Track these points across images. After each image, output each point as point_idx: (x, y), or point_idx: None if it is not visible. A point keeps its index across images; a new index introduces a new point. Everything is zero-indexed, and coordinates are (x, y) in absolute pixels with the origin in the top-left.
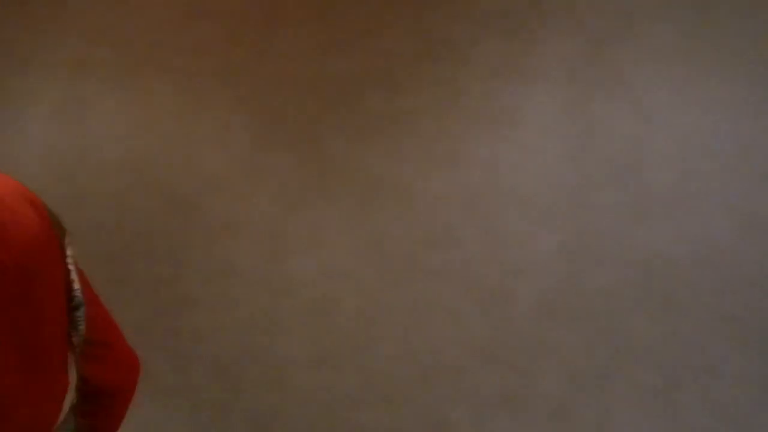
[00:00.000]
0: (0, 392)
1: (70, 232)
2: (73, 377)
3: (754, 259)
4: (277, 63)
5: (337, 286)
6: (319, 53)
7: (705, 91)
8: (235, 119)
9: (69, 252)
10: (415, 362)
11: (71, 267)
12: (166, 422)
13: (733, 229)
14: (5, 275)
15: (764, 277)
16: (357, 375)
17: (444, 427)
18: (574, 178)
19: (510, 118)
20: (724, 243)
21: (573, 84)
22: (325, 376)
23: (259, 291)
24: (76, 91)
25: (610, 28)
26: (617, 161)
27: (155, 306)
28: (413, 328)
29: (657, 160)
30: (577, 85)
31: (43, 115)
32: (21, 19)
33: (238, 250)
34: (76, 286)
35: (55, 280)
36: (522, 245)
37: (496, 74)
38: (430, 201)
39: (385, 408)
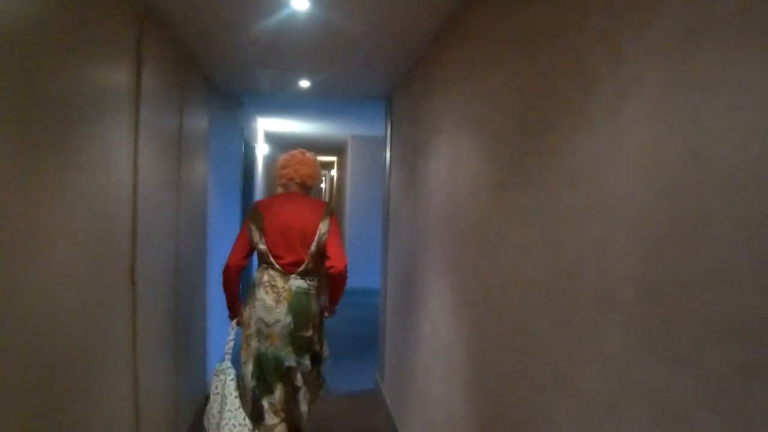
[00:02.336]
0: (283, 246)
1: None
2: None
3: None
4: None
5: None
6: None
7: None
8: None
9: (322, 223)
10: None
11: (322, 228)
12: None
13: None
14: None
15: None
16: None
17: None
18: None
19: None
20: None
21: None
22: None
23: None
24: (686, 73)
25: None
26: None
27: None
28: None
29: None
30: None
31: (640, 115)
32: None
33: None
34: (322, 231)
35: (312, 229)
36: None
37: None
38: None
39: None
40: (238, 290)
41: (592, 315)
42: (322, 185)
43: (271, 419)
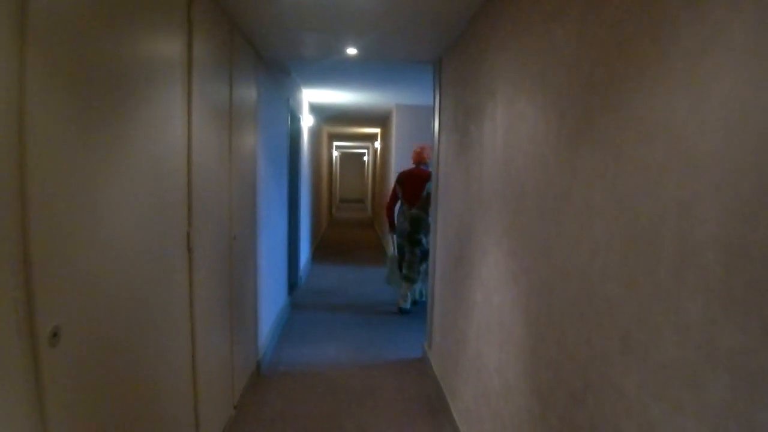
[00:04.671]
0: (409, 195)
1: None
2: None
3: None
4: None
5: None
6: None
7: None
8: None
9: (427, 184)
10: None
11: (428, 187)
12: None
13: None
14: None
15: None
16: None
17: None
18: None
19: None
20: None
21: None
22: None
23: None
24: None
25: None
26: None
27: None
28: None
29: None
30: None
31: (728, 63)
32: None
33: None
34: (428, 188)
35: (422, 187)
36: None
37: None
38: None
39: None
40: (393, 217)
41: (669, 279)
42: (365, 158)
43: (404, 272)
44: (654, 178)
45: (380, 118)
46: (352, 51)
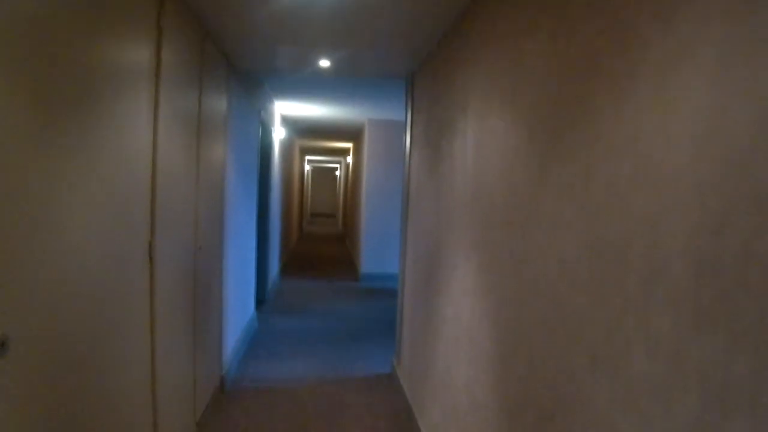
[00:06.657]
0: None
1: None
2: None
3: None
4: None
5: None
6: None
7: None
8: None
9: None
10: None
11: None
12: None
13: None
14: None
15: None
16: None
17: None
18: None
19: None
20: None
21: None
22: None
23: None
24: (748, 31)
25: None
26: None
27: None
28: None
29: None
30: None
31: (696, 80)
32: None
33: None
34: None
35: None
36: None
37: None
38: None
39: None
40: None
41: (639, 293)
42: (338, 172)
43: None
44: (623, 193)
45: (353, 133)
46: (325, 63)
